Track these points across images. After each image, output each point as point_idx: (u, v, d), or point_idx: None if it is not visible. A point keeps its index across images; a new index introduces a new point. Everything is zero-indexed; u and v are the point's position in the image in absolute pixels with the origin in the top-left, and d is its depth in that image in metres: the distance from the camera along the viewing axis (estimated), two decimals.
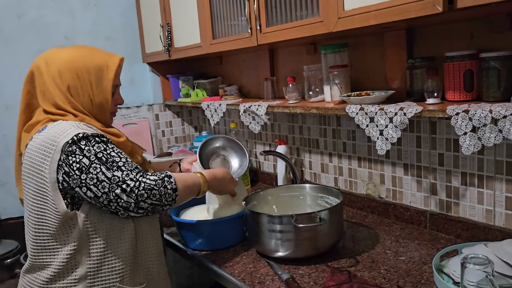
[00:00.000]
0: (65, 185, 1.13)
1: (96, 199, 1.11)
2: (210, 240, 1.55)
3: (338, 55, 1.67)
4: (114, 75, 1.27)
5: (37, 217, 1.18)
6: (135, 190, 1.11)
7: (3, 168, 2.46)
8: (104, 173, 1.11)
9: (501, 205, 1.38)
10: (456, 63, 1.30)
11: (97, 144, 1.15)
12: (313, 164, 2.07)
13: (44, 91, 1.23)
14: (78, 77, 1.22)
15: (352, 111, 1.47)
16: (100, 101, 1.26)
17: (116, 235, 1.19)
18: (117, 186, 1.10)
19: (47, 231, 1.17)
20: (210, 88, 2.58)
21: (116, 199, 1.10)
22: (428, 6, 1.08)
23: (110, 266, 1.19)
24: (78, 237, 1.16)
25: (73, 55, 1.25)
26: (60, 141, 1.13)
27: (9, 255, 2.21)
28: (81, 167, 1.11)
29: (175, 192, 1.18)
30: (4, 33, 2.44)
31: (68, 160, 1.12)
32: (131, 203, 1.11)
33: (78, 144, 1.13)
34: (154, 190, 1.13)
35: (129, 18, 2.75)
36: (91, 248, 1.17)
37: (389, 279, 1.25)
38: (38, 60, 1.26)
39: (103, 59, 1.27)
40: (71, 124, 1.18)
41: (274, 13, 1.63)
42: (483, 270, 0.97)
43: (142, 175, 1.14)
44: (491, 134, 1.13)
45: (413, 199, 1.64)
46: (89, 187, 1.10)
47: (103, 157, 1.13)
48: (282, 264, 1.39)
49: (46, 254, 1.19)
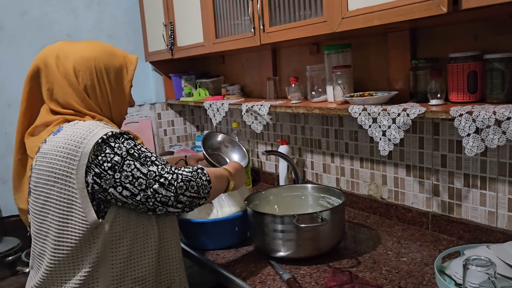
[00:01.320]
0: (96, 188, 1.04)
1: (132, 197, 1.05)
2: (211, 240, 1.55)
3: (341, 56, 1.67)
4: (133, 75, 1.21)
5: (59, 229, 1.07)
6: (174, 183, 1.07)
7: (5, 166, 2.47)
8: (139, 169, 1.05)
9: (504, 207, 1.38)
10: (460, 64, 1.30)
11: (127, 140, 1.07)
12: (315, 164, 2.07)
13: (53, 89, 1.12)
14: (97, 77, 1.13)
15: (355, 112, 1.47)
16: (118, 103, 1.19)
17: (140, 244, 1.12)
18: (154, 181, 1.05)
19: (69, 243, 1.06)
20: (213, 87, 2.58)
21: (154, 195, 1.05)
22: (432, 6, 1.08)
23: (133, 277, 1.12)
24: (101, 248, 1.07)
25: (90, 52, 1.14)
26: (88, 142, 1.03)
27: (11, 252, 2.20)
28: (113, 165, 1.03)
29: (210, 184, 1.16)
30: (7, 30, 2.44)
31: (97, 160, 1.03)
32: (170, 197, 1.06)
33: (107, 142, 1.04)
34: (191, 182, 1.10)
35: (132, 16, 2.75)
36: (114, 259, 1.09)
37: (390, 280, 1.25)
38: (45, 54, 1.14)
39: (122, 58, 1.20)
40: (95, 123, 1.09)
41: (277, 13, 1.63)
42: (485, 272, 0.96)
43: (176, 168, 1.11)
44: (495, 136, 1.13)
45: (415, 200, 1.64)
46: (125, 185, 1.04)
47: (135, 153, 1.06)
48: (284, 264, 1.39)
49: (65, 269, 1.08)
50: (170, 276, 1.21)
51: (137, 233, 1.12)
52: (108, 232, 1.07)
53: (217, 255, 1.51)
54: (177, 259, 1.24)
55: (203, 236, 1.56)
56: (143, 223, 1.13)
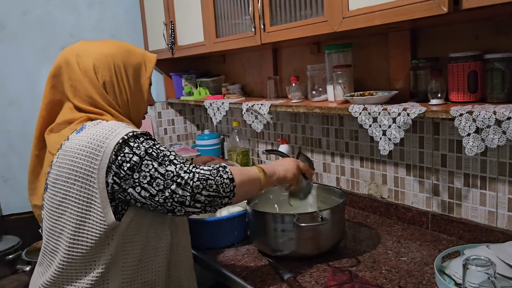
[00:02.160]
0: (116, 188, 1.04)
1: (151, 198, 1.04)
2: (211, 239, 1.56)
3: (342, 55, 1.67)
4: (152, 73, 1.22)
5: (75, 227, 1.06)
6: (190, 182, 1.04)
7: (6, 164, 2.47)
8: (157, 169, 1.04)
9: (504, 207, 1.38)
10: (460, 64, 1.30)
11: (146, 140, 1.07)
12: (315, 163, 2.07)
13: (76, 86, 1.13)
14: (115, 73, 1.14)
15: (355, 111, 1.47)
16: (137, 100, 1.20)
17: (152, 248, 1.13)
18: (172, 182, 1.03)
19: (85, 242, 1.06)
20: (213, 86, 2.58)
21: (171, 195, 1.03)
22: (433, 6, 1.08)
23: (143, 280, 1.12)
24: (114, 250, 1.07)
25: (109, 49, 1.16)
26: (110, 142, 1.04)
27: (11, 251, 2.21)
28: (132, 165, 1.03)
29: (233, 183, 1.10)
30: (9, 29, 2.44)
31: (117, 160, 1.03)
32: (186, 197, 1.04)
33: (127, 142, 1.04)
34: (209, 180, 1.07)
35: (133, 16, 2.76)
36: (125, 262, 1.09)
37: (390, 279, 1.25)
38: (66, 53, 1.16)
39: (140, 56, 1.21)
40: (118, 123, 1.09)
41: (278, 12, 1.63)
42: (485, 271, 0.96)
43: (195, 166, 1.08)
44: (495, 136, 1.13)
45: (415, 199, 1.64)
46: (143, 186, 1.03)
47: (153, 153, 1.05)
48: (284, 263, 1.39)
49: (77, 268, 1.08)
50: (179, 282, 1.22)
51: (149, 237, 1.12)
52: (122, 235, 1.08)
53: (217, 254, 1.52)
54: (188, 265, 1.24)
55: (203, 235, 1.56)
56: (155, 227, 1.13)
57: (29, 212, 1.23)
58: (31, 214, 1.24)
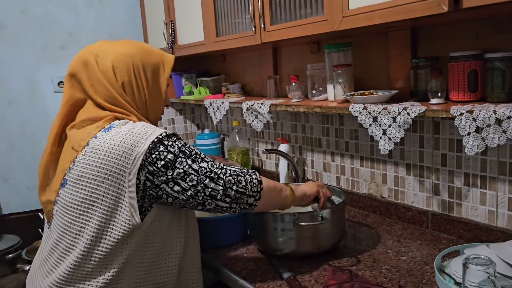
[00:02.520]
0: (148, 184, 1.06)
1: (184, 192, 1.08)
2: (211, 238, 1.56)
3: (342, 54, 1.67)
4: (169, 74, 1.22)
5: (100, 225, 1.06)
6: (223, 177, 1.11)
7: (6, 164, 2.47)
8: (191, 165, 1.09)
9: (504, 206, 1.38)
10: (461, 63, 1.30)
11: (178, 140, 1.11)
12: (315, 163, 2.07)
13: (95, 85, 1.14)
14: (134, 74, 1.15)
15: (355, 110, 1.47)
16: (155, 101, 1.20)
17: (167, 250, 1.16)
18: (205, 177, 1.09)
19: (108, 240, 1.07)
20: (213, 86, 2.58)
21: (204, 189, 1.09)
22: (433, 5, 1.08)
23: (154, 281, 1.15)
24: (132, 251, 1.09)
25: (128, 49, 1.17)
26: (144, 142, 1.06)
27: (11, 250, 2.21)
28: (167, 163, 1.06)
29: (260, 185, 1.17)
30: (8, 29, 2.44)
31: (151, 158, 1.05)
32: (219, 190, 1.10)
33: (162, 142, 1.08)
34: (240, 177, 1.14)
35: (132, 15, 2.76)
36: (141, 262, 1.11)
37: (390, 278, 1.25)
38: (84, 53, 1.16)
39: (159, 56, 1.21)
40: (146, 124, 1.12)
41: (278, 12, 1.63)
42: (485, 271, 0.96)
43: (224, 164, 1.15)
44: (495, 135, 1.13)
45: (415, 199, 1.64)
46: (177, 181, 1.07)
47: (186, 151, 1.10)
48: (284, 262, 1.39)
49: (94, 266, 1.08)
50: (188, 284, 1.24)
51: (165, 240, 1.15)
52: (142, 236, 1.10)
53: (218, 253, 1.52)
54: (197, 269, 1.26)
55: (203, 234, 1.55)
56: (171, 231, 1.16)
57: (29, 211, 1.23)
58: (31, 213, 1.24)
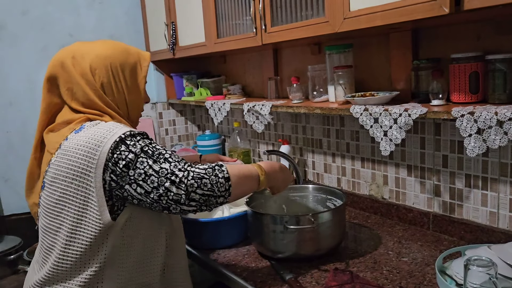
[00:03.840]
0: (113, 185, 1.05)
1: (146, 195, 1.04)
2: (212, 239, 1.55)
3: (343, 56, 1.67)
4: (147, 71, 1.22)
5: (72, 225, 1.08)
6: (184, 180, 1.04)
7: (6, 165, 2.47)
8: (152, 166, 1.04)
9: (505, 207, 1.37)
10: (462, 65, 1.30)
11: (143, 139, 1.09)
12: (316, 164, 2.07)
13: (73, 88, 1.14)
14: (112, 74, 1.15)
15: (356, 112, 1.47)
16: (135, 99, 1.21)
17: (149, 250, 1.14)
18: (166, 179, 1.03)
19: (81, 240, 1.08)
20: (214, 87, 2.58)
21: (166, 193, 1.03)
22: (435, 7, 1.08)
23: (138, 282, 1.13)
24: (110, 250, 1.08)
25: (105, 50, 1.17)
26: (107, 141, 1.05)
27: (12, 251, 2.21)
28: (128, 163, 1.04)
29: (228, 182, 1.09)
30: (9, 29, 2.44)
31: (114, 158, 1.04)
32: (181, 195, 1.04)
33: (124, 141, 1.06)
34: (204, 179, 1.06)
35: (133, 16, 2.76)
36: (123, 263, 1.10)
37: (391, 280, 1.25)
38: (61, 56, 1.16)
39: (136, 55, 1.22)
40: (116, 124, 1.11)
41: (279, 13, 1.63)
42: (486, 272, 0.96)
43: (190, 165, 1.08)
44: (496, 136, 1.13)
45: (417, 200, 1.64)
46: (139, 183, 1.04)
47: (148, 151, 1.06)
48: (285, 263, 1.39)
49: (73, 266, 1.09)
50: (175, 283, 1.22)
51: (146, 239, 1.13)
52: (119, 236, 1.08)
53: (218, 254, 1.52)
54: (183, 268, 1.25)
55: (204, 235, 1.56)
56: (153, 230, 1.14)
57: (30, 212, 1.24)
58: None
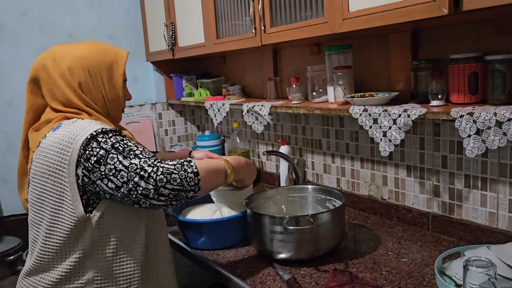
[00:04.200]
0: (86, 180, 1.09)
1: (117, 189, 1.08)
2: (212, 239, 1.55)
3: (342, 56, 1.67)
4: (124, 69, 1.26)
5: (51, 219, 1.14)
6: (153, 175, 1.06)
7: (5, 165, 2.47)
8: (122, 162, 1.08)
9: (505, 208, 1.38)
10: (461, 66, 1.30)
11: (114, 136, 1.12)
12: (315, 164, 2.07)
13: (53, 89, 1.19)
14: (89, 73, 1.20)
15: (356, 112, 1.47)
16: (113, 97, 1.25)
17: (127, 242, 1.17)
18: (135, 174, 1.06)
19: (59, 233, 1.13)
20: (213, 87, 2.58)
21: (135, 187, 1.06)
22: (434, 8, 1.08)
23: (119, 272, 1.17)
24: (88, 241, 1.13)
25: (82, 51, 1.22)
26: (79, 138, 1.10)
27: (11, 252, 2.20)
28: (99, 159, 1.08)
29: (197, 176, 1.12)
30: (8, 30, 2.44)
31: (86, 154, 1.09)
32: (150, 190, 1.06)
33: (96, 138, 1.10)
34: (173, 174, 1.08)
35: (133, 16, 2.75)
36: (101, 253, 1.14)
37: (390, 280, 1.25)
38: (43, 58, 1.22)
39: (112, 54, 1.26)
40: (90, 121, 1.16)
41: (278, 14, 1.63)
42: (485, 272, 0.96)
43: (159, 161, 1.11)
44: (496, 137, 1.13)
45: (416, 201, 1.64)
46: (109, 178, 1.07)
47: (119, 147, 1.10)
48: (284, 264, 1.39)
49: (54, 257, 1.15)
50: (157, 276, 1.25)
51: (124, 231, 1.17)
52: (96, 228, 1.13)
53: (218, 255, 1.52)
54: (165, 259, 1.28)
55: (203, 236, 1.56)
56: (131, 222, 1.18)
57: None
58: None
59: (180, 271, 2.27)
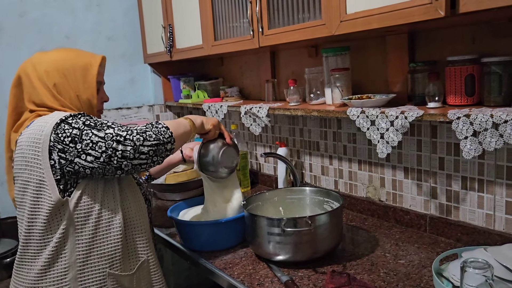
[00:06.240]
0: (63, 162, 1.14)
1: (97, 160, 1.13)
2: (209, 241, 1.55)
3: (339, 58, 1.68)
4: (97, 71, 1.31)
5: (31, 209, 1.19)
6: (130, 137, 1.13)
7: (2, 167, 2.46)
8: (97, 134, 1.13)
9: (501, 209, 1.38)
10: (458, 68, 1.30)
11: (83, 116, 1.19)
12: (313, 166, 2.07)
13: (31, 92, 1.26)
14: (64, 75, 1.26)
15: (353, 114, 1.47)
16: (87, 97, 1.30)
17: (105, 223, 1.22)
18: (112, 141, 1.12)
19: (39, 221, 1.18)
20: (211, 89, 2.58)
21: (114, 152, 1.12)
22: (430, 10, 1.09)
23: (99, 253, 1.22)
24: (67, 225, 1.18)
25: (59, 56, 1.30)
26: (49, 125, 1.15)
27: (8, 254, 2.20)
28: (73, 138, 1.13)
29: (168, 129, 1.21)
30: (6, 32, 2.44)
31: (58, 137, 1.14)
32: (129, 151, 1.13)
33: (65, 121, 1.16)
34: (148, 132, 1.16)
35: (131, 18, 2.76)
36: (79, 236, 1.19)
37: (388, 282, 1.25)
38: (24, 65, 1.30)
39: (87, 58, 1.32)
40: (59, 112, 1.22)
41: (276, 16, 1.64)
42: (482, 274, 0.97)
43: (132, 127, 1.19)
44: (492, 139, 1.13)
45: (413, 202, 1.65)
46: (88, 152, 1.12)
47: (91, 123, 1.16)
48: (282, 266, 1.39)
49: (36, 245, 1.20)
50: (137, 255, 1.30)
51: (102, 213, 1.22)
52: (73, 212, 1.18)
53: (215, 256, 1.51)
54: (145, 238, 1.31)
55: (200, 237, 1.56)
56: (108, 204, 1.23)
57: None
58: None
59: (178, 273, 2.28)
